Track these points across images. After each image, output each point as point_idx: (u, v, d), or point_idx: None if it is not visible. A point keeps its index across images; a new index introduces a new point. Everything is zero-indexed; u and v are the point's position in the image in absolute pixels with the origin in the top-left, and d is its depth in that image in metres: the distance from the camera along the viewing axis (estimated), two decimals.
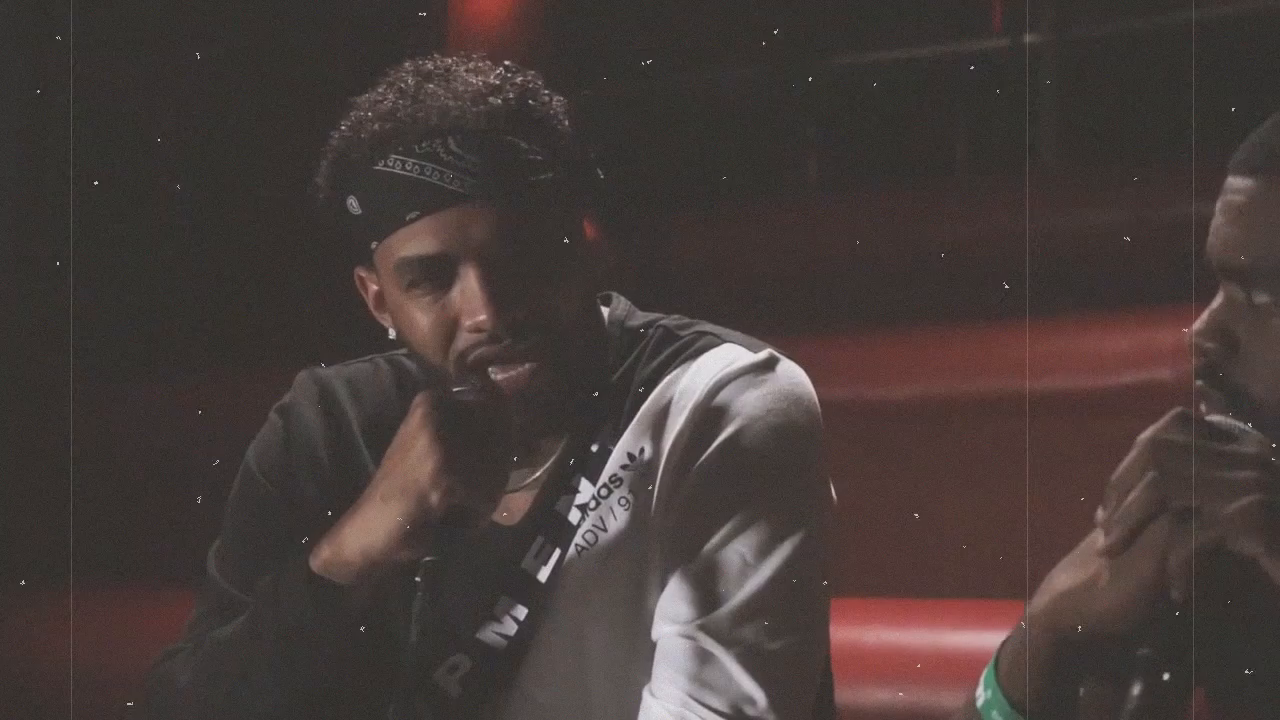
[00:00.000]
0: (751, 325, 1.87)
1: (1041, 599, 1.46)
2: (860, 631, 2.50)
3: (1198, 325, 1.49)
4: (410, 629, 1.74)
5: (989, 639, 1.55)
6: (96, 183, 4.06)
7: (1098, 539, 1.41)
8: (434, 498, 1.64)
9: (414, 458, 1.66)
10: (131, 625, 3.37)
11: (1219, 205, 1.50)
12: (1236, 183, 1.49)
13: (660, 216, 4.48)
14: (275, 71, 4.35)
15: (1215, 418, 1.43)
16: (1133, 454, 1.39)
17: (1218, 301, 1.50)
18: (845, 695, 1.87)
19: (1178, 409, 1.41)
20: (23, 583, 3.41)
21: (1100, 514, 1.41)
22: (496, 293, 1.71)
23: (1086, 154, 4.74)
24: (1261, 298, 1.46)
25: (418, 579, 1.72)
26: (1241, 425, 1.41)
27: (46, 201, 4.14)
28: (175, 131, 4.29)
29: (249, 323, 4.26)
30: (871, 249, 4.21)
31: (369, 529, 1.68)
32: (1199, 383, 1.48)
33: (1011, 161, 4.83)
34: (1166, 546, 1.36)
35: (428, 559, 1.68)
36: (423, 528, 1.66)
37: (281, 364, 2.14)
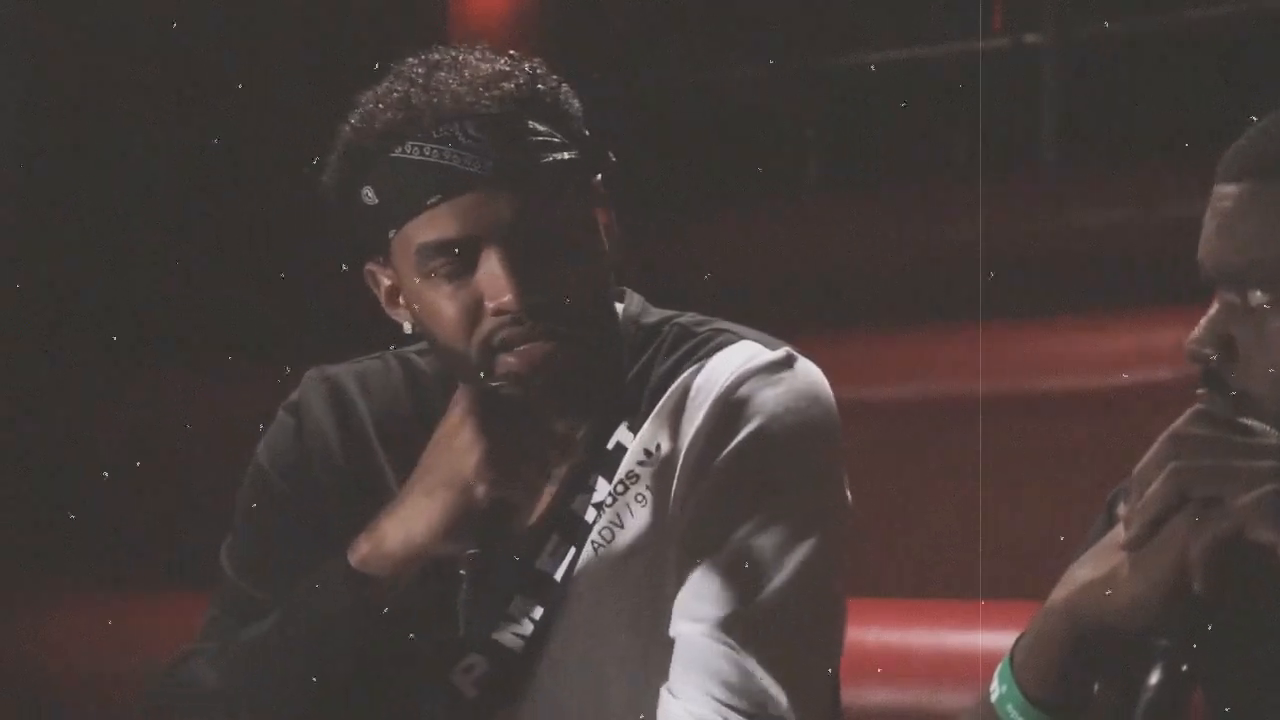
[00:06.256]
0: (748, 325, 1.87)
1: (1062, 591, 1.47)
2: (860, 631, 2.49)
3: (1195, 334, 1.52)
4: (457, 622, 1.75)
5: (988, 639, 1.55)
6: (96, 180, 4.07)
7: (1120, 532, 1.41)
8: (479, 490, 1.65)
9: (458, 451, 1.66)
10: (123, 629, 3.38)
11: (1208, 212, 1.53)
12: (1225, 189, 1.51)
13: (657, 217, 4.48)
14: (275, 68, 4.35)
15: (1243, 419, 1.44)
16: (1154, 448, 1.41)
17: (1214, 309, 1.52)
18: (845, 695, 1.87)
19: (1198, 405, 1.43)
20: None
21: (1123, 508, 1.42)
22: (520, 274, 1.70)
23: (1086, 154, 4.74)
24: (1257, 300, 1.48)
25: (462, 571, 1.72)
26: (1260, 424, 1.42)
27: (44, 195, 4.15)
28: (175, 127, 4.29)
29: (245, 322, 4.26)
30: (871, 249, 4.21)
31: (411, 522, 1.67)
32: (1201, 390, 1.49)
33: (1012, 161, 4.83)
34: (1187, 538, 1.37)
35: (471, 551, 1.68)
36: (465, 521, 1.66)
37: (272, 364, 2.13)
